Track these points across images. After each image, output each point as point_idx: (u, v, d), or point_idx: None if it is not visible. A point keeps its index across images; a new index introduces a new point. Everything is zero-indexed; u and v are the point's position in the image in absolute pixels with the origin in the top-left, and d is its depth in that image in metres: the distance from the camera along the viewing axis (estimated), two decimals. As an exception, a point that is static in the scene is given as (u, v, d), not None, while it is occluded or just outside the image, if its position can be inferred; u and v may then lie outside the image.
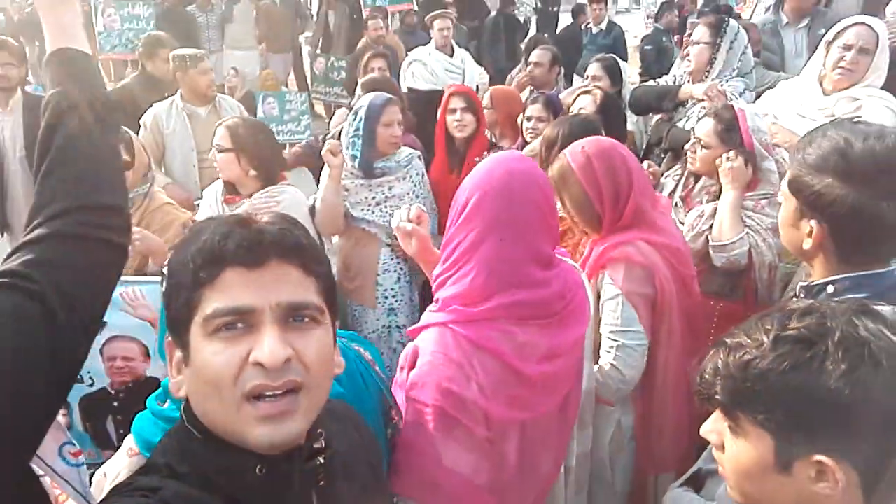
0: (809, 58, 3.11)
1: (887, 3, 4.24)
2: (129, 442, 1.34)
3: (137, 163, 2.49)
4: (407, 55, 5.37)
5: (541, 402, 1.56)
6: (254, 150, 2.51)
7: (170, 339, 0.87)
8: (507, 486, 1.57)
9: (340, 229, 2.93)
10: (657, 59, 6.89)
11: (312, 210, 2.82)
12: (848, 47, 2.68)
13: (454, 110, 3.20)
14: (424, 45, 5.36)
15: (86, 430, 2.37)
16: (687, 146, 2.58)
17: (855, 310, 0.88)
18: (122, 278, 2.27)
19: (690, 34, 3.47)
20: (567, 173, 1.99)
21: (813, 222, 1.36)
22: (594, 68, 3.85)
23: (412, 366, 1.57)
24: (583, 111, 2.91)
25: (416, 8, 7.22)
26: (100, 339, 2.27)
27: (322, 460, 0.89)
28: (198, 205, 2.73)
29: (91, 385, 2.31)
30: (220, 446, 0.82)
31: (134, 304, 2.28)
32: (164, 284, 0.88)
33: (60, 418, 1.25)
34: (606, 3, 7.41)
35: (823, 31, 3.02)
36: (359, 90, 3.57)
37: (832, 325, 0.85)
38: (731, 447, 0.96)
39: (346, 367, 1.49)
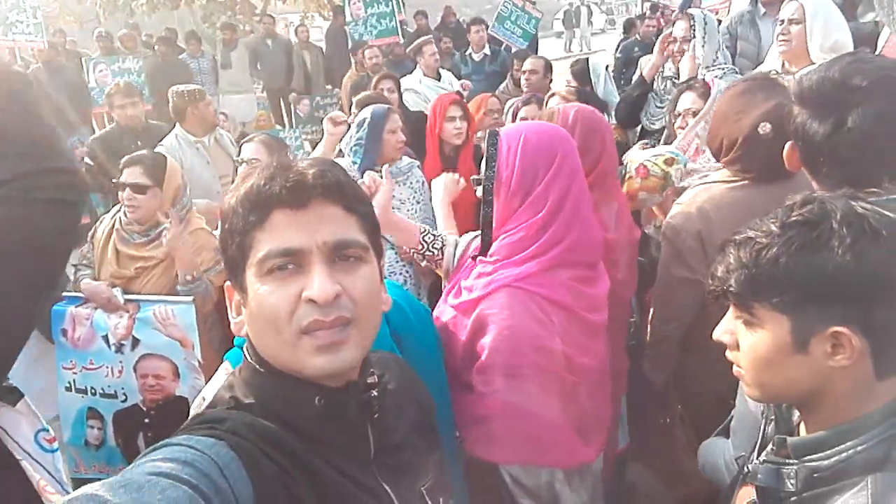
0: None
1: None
2: (227, 365, 1.38)
3: (167, 187, 2.52)
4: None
5: (599, 348, 1.68)
6: None
7: (228, 283, 0.92)
8: (588, 427, 1.67)
9: None
10: (625, 65, 6.70)
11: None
12: (782, 21, 2.89)
13: (453, 118, 3.32)
14: (411, 72, 5.50)
15: (117, 445, 2.42)
16: (676, 124, 2.64)
17: (849, 196, 0.96)
18: (154, 297, 2.36)
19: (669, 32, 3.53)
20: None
21: (789, 144, 1.43)
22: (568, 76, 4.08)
23: (472, 335, 1.62)
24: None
25: (401, 41, 7.45)
26: (132, 356, 2.35)
27: (375, 393, 0.93)
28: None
29: (124, 401, 2.38)
30: (283, 379, 0.86)
31: (165, 322, 2.34)
32: (219, 232, 0.93)
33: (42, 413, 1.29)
34: (486, 26, 6.96)
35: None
36: (353, 108, 3.66)
37: (832, 207, 0.91)
38: (748, 339, 0.99)
39: (421, 314, 1.59)
